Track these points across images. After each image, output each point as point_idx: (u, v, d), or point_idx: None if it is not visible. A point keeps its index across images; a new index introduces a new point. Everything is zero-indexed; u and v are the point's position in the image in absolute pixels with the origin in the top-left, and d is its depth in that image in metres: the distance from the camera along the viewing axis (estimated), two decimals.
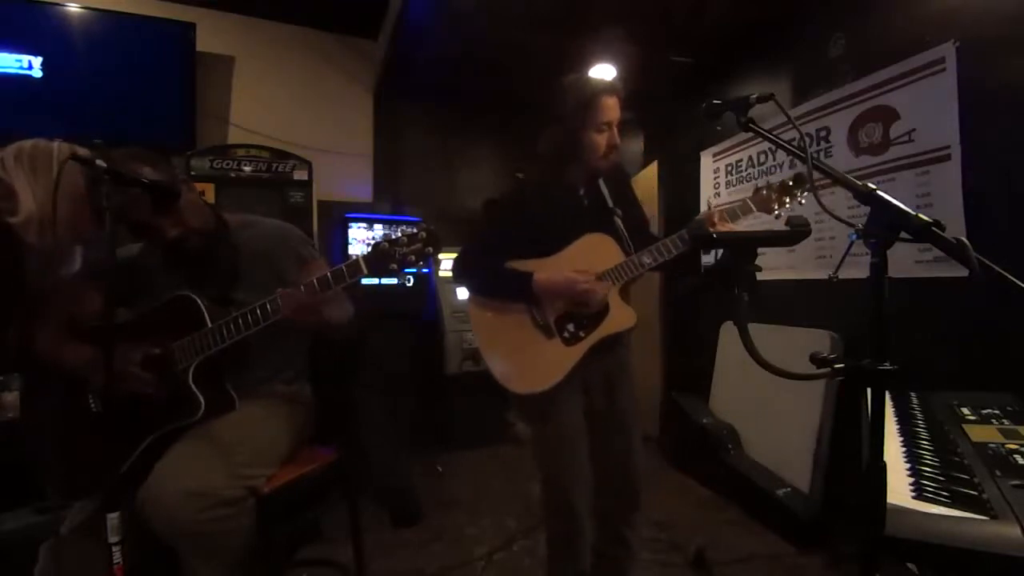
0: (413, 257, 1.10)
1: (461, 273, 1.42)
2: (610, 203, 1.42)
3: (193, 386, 1.16)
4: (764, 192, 1.32)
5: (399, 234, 1.12)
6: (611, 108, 1.32)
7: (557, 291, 1.30)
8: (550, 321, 1.32)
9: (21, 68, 2.64)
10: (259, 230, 1.40)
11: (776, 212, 1.30)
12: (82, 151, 1.17)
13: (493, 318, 1.37)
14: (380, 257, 1.10)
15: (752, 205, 1.32)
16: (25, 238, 1.10)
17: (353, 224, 3.21)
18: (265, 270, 1.32)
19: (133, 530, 0.92)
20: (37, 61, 2.65)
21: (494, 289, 1.39)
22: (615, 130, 1.34)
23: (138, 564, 0.92)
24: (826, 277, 2.23)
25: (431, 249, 1.11)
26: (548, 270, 1.31)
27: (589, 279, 1.29)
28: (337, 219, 3.27)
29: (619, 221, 1.40)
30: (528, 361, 1.32)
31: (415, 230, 1.12)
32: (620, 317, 1.32)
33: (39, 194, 1.10)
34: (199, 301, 1.20)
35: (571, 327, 1.32)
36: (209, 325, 1.18)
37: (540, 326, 1.33)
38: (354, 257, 1.13)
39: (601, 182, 1.44)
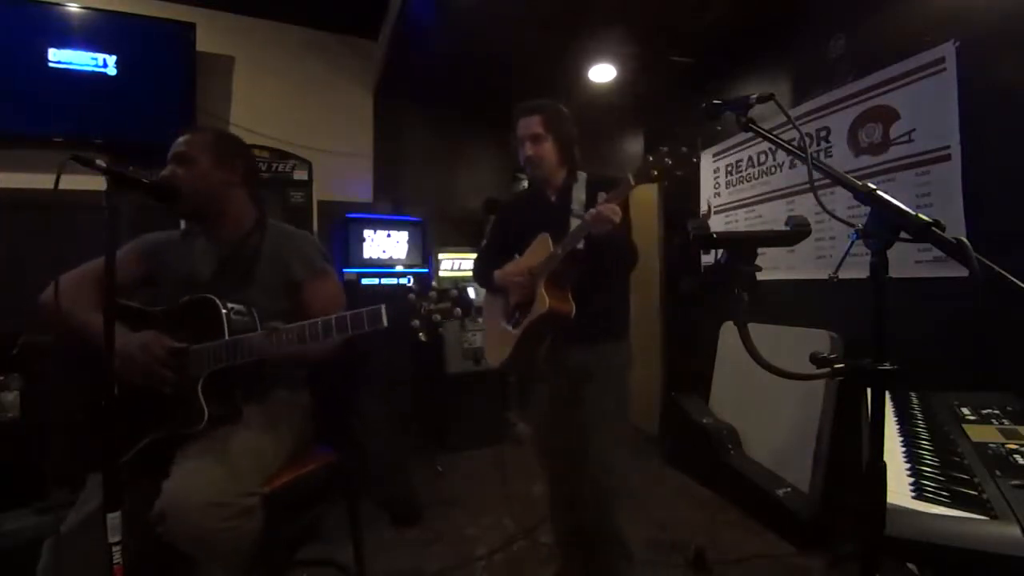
0: (439, 316, 1.10)
1: (473, 271, 1.82)
2: (575, 206, 1.52)
3: (201, 396, 1.16)
4: (651, 158, 1.27)
5: (430, 288, 1.11)
6: (521, 126, 1.56)
7: (503, 285, 1.58)
8: (510, 308, 1.58)
9: (96, 67, 2.74)
10: (270, 231, 1.41)
11: (660, 179, 1.27)
12: None
13: (490, 306, 1.71)
14: (404, 311, 1.10)
15: (632, 179, 1.29)
16: None
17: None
18: (274, 271, 1.35)
19: (136, 532, 0.91)
20: (112, 59, 2.76)
21: (483, 284, 1.72)
22: (526, 144, 1.56)
23: (136, 563, 0.92)
24: (826, 277, 2.23)
25: (460, 311, 1.11)
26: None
27: (515, 274, 1.52)
28: (337, 219, 3.27)
29: (575, 220, 1.47)
30: (496, 339, 1.63)
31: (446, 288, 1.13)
32: (536, 306, 1.47)
33: None
34: (221, 309, 1.19)
35: (517, 314, 1.55)
36: (227, 336, 1.17)
37: (504, 313, 1.60)
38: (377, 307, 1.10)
39: (578, 187, 1.55)
